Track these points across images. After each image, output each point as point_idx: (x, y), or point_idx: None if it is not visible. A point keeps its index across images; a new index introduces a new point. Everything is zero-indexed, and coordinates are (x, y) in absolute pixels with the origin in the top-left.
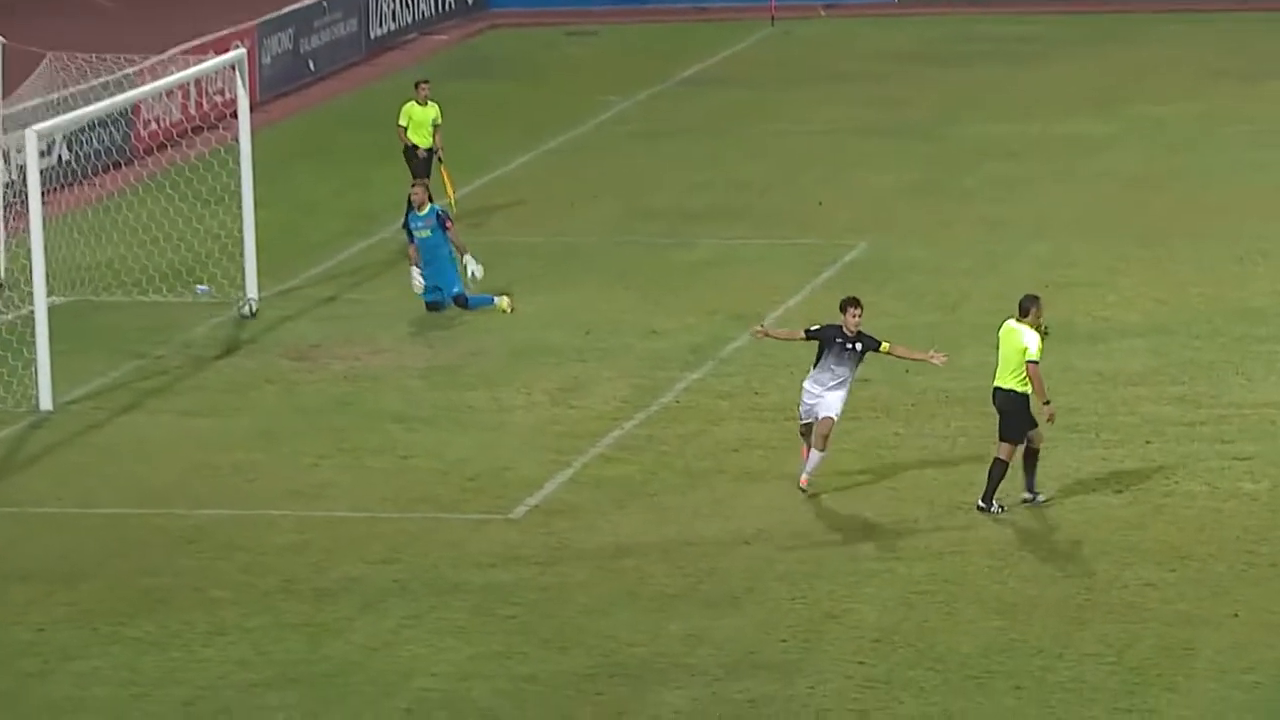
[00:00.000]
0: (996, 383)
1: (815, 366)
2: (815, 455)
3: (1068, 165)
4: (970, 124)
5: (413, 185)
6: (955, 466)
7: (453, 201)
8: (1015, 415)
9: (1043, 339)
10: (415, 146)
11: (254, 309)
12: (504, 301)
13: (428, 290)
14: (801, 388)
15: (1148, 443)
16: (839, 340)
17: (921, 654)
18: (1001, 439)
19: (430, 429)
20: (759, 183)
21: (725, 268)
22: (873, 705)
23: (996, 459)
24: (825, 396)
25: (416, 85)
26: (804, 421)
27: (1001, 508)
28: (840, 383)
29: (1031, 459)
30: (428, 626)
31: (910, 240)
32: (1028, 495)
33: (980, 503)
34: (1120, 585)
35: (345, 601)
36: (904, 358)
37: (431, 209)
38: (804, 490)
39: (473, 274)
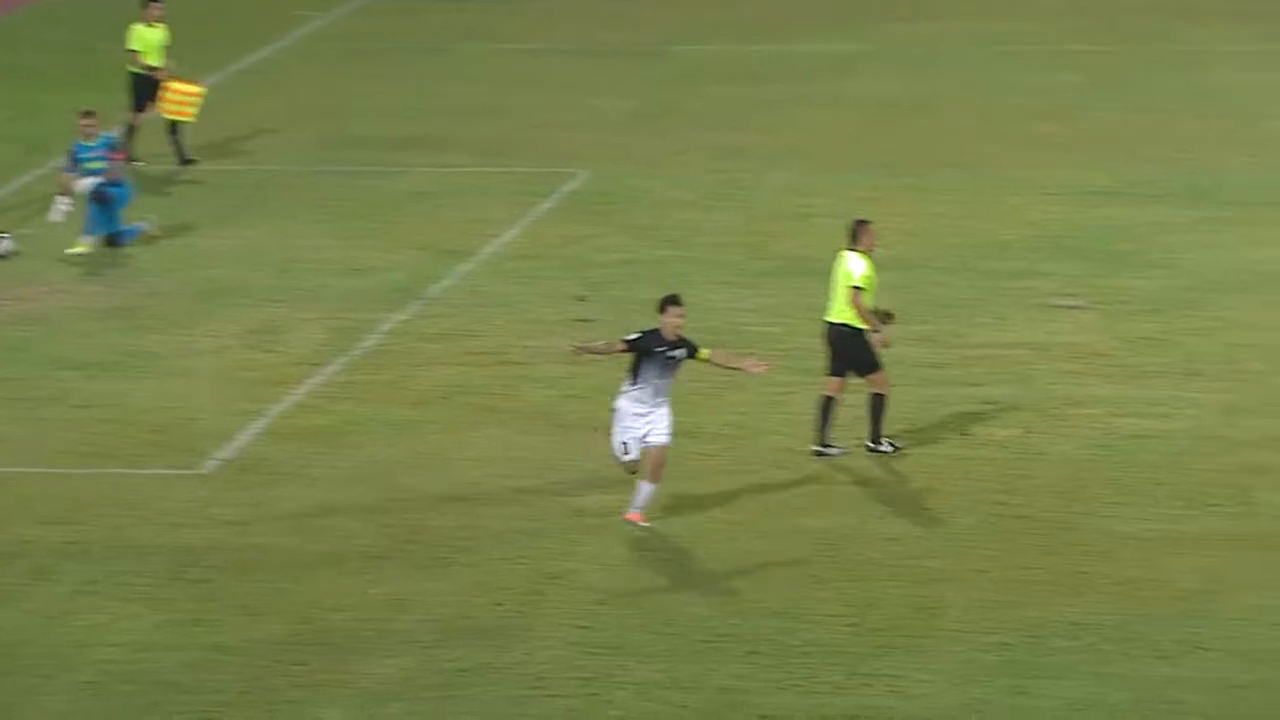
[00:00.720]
0: (826, 316)
1: (633, 383)
2: (647, 487)
3: (811, 88)
4: (703, 43)
5: (85, 115)
6: (685, 413)
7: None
8: (844, 350)
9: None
10: (154, 69)
11: (10, 249)
12: (79, 245)
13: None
14: (614, 412)
15: (892, 386)
16: (659, 350)
17: (649, 617)
18: (831, 373)
19: (109, 376)
20: (471, 107)
21: (434, 199)
22: (597, 672)
23: (825, 395)
24: (654, 417)
25: (145, 4)
26: (630, 458)
27: (894, 446)
28: (665, 397)
29: (878, 403)
30: (108, 593)
31: (637, 169)
32: (873, 445)
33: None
34: (861, 540)
35: (16, 566)
36: (722, 366)
37: (104, 138)
38: (635, 525)
39: (83, 191)
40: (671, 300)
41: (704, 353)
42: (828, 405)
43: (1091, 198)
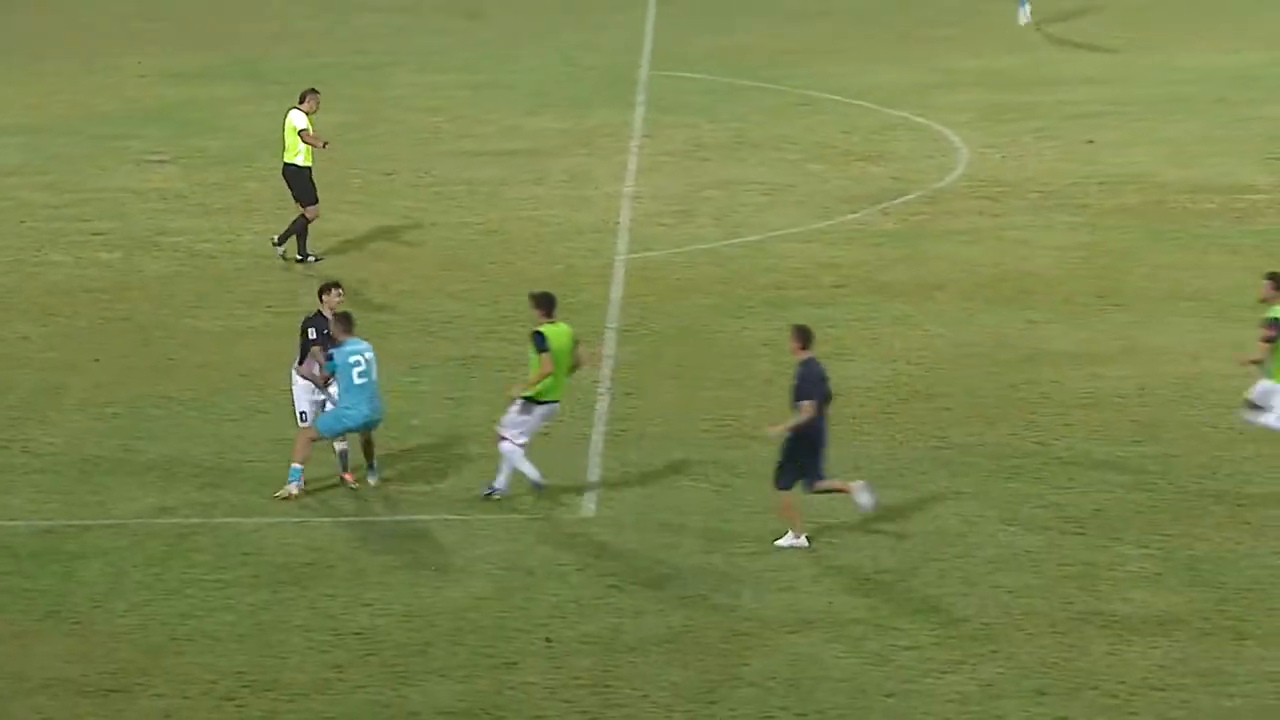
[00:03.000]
0: (284, 159)
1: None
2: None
3: None
4: None
5: None
6: None
7: None
8: (293, 182)
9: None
10: None
11: None
12: None
13: None
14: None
15: (21, 222)
16: (328, 332)
17: None
18: (304, 202)
19: None
20: None
21: None
22: None
23: (303, 216)
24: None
25: None
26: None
27: (316, 258)
28: None
29: (301, 222)
30: None
31: None
32: (299, 258)
33: (293, 254)
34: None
35: None
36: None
37: None
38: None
39: None
40: (334, 284)
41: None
42: (302, 224)
43: (173, 79)
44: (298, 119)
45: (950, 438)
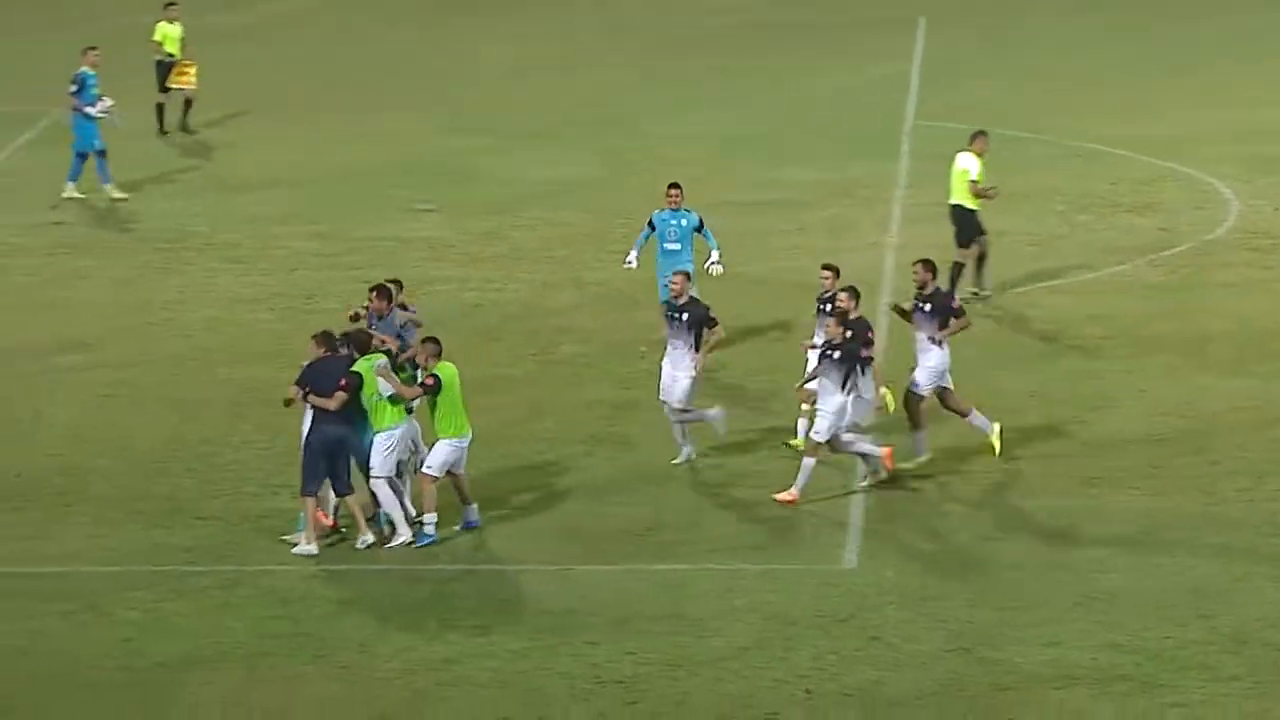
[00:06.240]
0: (951, 200)
1: None
2: None
3: None
4: None
5: None
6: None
7: None
8: (959, 221)
9: None
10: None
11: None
12: None
13: None
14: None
15: (293, 270)
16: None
17: (110, 445)
18: (961, 244)
19: None
20: None
21: None
22: (68, 488)
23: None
24: None
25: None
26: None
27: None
28: None
29: (961, 269)
30: None
31: None
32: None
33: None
34: (262, 384)
35: None
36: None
37: None
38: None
39: None
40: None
41: None
42: (956, 269)
43: (438, 132)
44: (969, 162)
45: (1219, 493)
